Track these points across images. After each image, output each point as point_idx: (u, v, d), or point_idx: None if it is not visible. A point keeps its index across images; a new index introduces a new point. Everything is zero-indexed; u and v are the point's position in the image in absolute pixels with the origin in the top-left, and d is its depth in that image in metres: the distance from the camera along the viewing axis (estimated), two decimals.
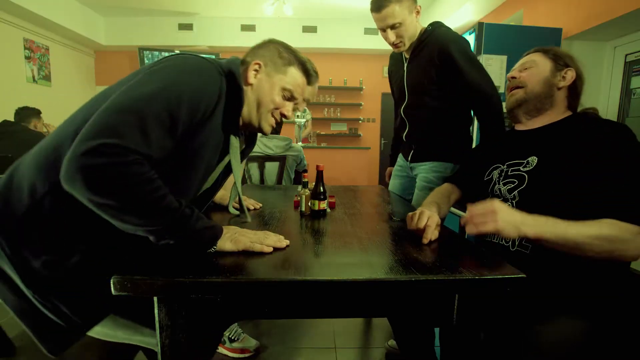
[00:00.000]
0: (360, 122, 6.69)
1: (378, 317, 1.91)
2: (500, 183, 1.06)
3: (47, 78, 5.34)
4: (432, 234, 0.90)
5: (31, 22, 4.92)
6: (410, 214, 0.98)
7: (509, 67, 2.82)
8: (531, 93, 1.06)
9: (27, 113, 3.52)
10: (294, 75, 0.99)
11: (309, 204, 1.19)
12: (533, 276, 0.74)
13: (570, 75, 1.05)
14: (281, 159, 2.52)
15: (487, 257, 0.80)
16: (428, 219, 0.92)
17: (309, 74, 1.03)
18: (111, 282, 0.65)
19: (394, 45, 1.52)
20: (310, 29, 6.06)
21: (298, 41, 6.07)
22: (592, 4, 2.67)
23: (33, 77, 5.08)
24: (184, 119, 0.74)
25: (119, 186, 0.65)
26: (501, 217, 0.82)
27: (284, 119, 1.01)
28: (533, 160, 1.01)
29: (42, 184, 0.74)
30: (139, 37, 5.92)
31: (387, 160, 1.99)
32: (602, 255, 0.81)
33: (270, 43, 1.03)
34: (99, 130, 0.65)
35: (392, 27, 1.46)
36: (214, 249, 0.78)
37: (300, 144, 3.88)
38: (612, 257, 0.82)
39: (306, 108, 4.89)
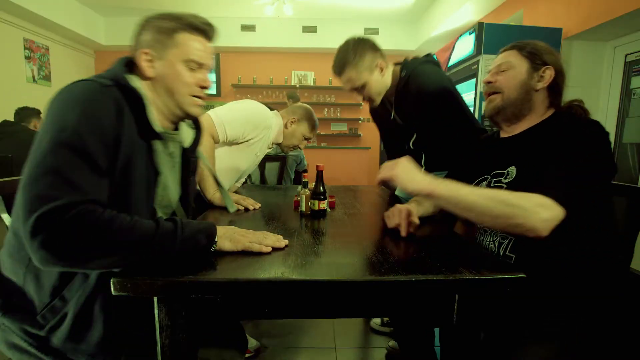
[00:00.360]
0: (360, 122, 6.69)
1: (378, 317, 1.91)
2: None
3: (47, 78, 5.34)
4: (405, 227, 0.94)
5: (31, 22, 4.92)
6: (386, 213, 1.01)
7: None
8: (508, 100, 1.01)
9: (27, 113, 3.52)
10: (187, 42, 0.86)
11: (309, 204, 1.19)
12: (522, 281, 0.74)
13: (548, 74, 0.99)
14: (281, 159, 2.52)
15: (487, 257, 0.80)
16: (401, 214, 0.96)
17: (201, 30, 0.90)
18: (111, 283, 0.65)
19: (364, 101, 1.51)
20: (310, 29, 6.05)
21: (298, 41, 6.07)
22: (592, 4, 2.67)
23: (33, 77, 5.08)
24: (97, 148, 0.69)
25: (83, 239, 0.63)
26: (400, 167, 0.90)
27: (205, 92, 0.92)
28: (512, 171, 0.99)
29: (20, 267, 0.77)
30: None
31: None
32: (499, 222, 0.79)
33: (145, 24, 0.87)
34: (29, 207, 0.62)
35: (356, 89, 1.44)
36: (214, 248, 0.78)
37: None
38: (511, 228, 0.79)
39: None
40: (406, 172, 0.89)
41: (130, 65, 0.86)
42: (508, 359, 0.86)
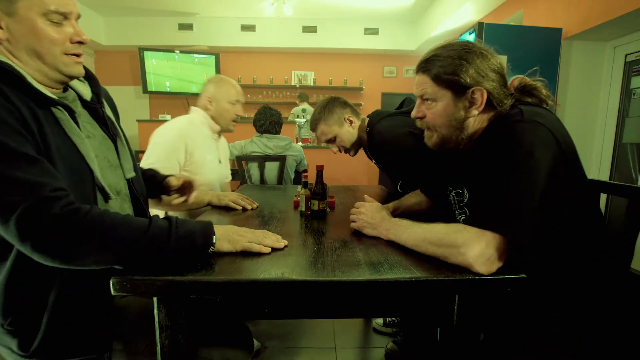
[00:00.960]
0: None
1: (378, 317, 1.91)
2: (457, 210, 1.05)
3: None
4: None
5: None
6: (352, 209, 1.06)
7: (508, 68, 2.83)
8: (443, 137, 0.93)
9: None
10: None
11: (309, 204, 1.19)
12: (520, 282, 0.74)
13: (478, 96, 0.86)
14: (281, 159, 2.52)
15: None
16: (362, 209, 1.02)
17: None
18: (111, 283, 0.65)
19: (339, 151, 1.68)
20: (310, 29, 6.05)
21: (298, 41, 6.07)
22: (592, 4, 2.67)
23: None
24: (12, 139, 0.64)
25: (71, 237, 0.64)
26: (363, 218, 0.99)
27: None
28: (465, 192, 0.98)
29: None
30: (139, 37, 5.91)
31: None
32: (439, 257, 0.78)
33: None
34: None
35: (329, 141, 1.63)
36: (212, 249, 0.77)
37: (300, 144, 3.88)
38: (452, 262, 0.75)
39: (307, 107, 4.89)
40: (367, 222, 0.97)
41: None
42: (508, 359, 0.86)
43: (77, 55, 0.78)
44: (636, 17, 2.41)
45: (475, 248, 0.72)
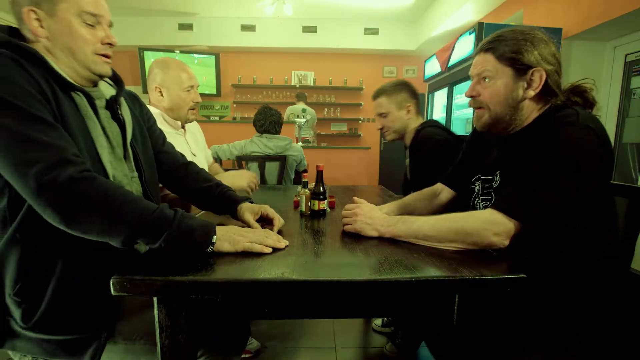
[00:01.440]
0: (360, 122, 6.69)
1: (378, 317, 1.91)
2: (479, 197, 1.05)
3: None
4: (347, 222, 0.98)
5: None
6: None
7: None
8: (496, 116, 0.94)
9: None
10: None
11: (309, 204, 1.19)
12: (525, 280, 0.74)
13: (537, 77, 0.88)
14: (281, 159, 2.52)
15: (487, 257, 0.80)
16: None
17: None
18: (111, 283, 0.65)
19: (381, 130, 1.75)
20: (310, 29, 6.05)
21: (298, 41, 6.07)
22: (592, 4, 2.67)
23: None
24: (34, 106, 0.69)
25: (86, 201, 0.68)
26: (360, 219, 0.94)
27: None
28: (498, 176, 0.98)
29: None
30: (139, 37, 5.91)
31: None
32: (458, 244, 0.82)
33: None
34: (21, 172, 0.66)
35: (380, 115, 1.71)
36: (211, 249, 0.77)
37: (300, 144, 3.88)
38: (470, 246, 0.82)
39: (306, 107, 4.89)
40: (367, 226, 0.94)
41: (13, 33, 0.80)
42: (508, 359, 0.86)
43: (106, 56, 0.86)
44: (636, 17, 2.41)
45: (501, 225, 0.81)
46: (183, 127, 1.57)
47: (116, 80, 0.98)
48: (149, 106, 1.47)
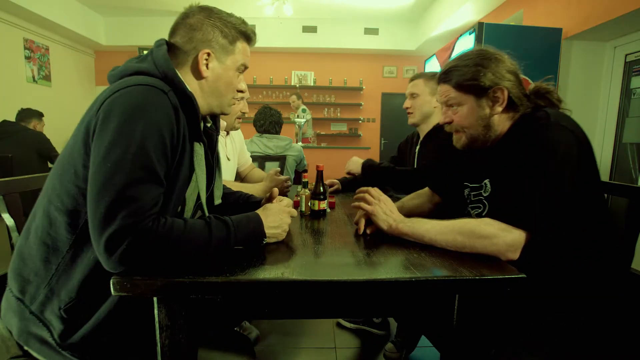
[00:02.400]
0: (360, 122, 6.69)
1: (378, 317, 1.91)
2: (469, 206, 1.06)
3: (47, 78, 5.34)
4: (362, 226, 0.98)
5: (31, 22, 4.92)
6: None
7: None
8: (471, 137, 0.98)
9: (28, 114, 3.54)
10: (242, 49, 0.91)
11: (309, 204, 1.19)
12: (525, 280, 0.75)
13: (500, 94, 0.92)
14: (281, 159, 2.52)
15: (487, 257, 0.80)
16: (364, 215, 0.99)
17: (251, 39, 0.95)
18: (111, 283, 0.65)
19: (407, 110, 1.76)
20: (310, 29, 6.05)
21: (298, 41, 6.08)
22: (592, 4, 2.67)
23: (33, 77, 5.08)
24: (159, 162, 0.71)
25: (149, 253, 0.68)
26: (382, 207, 0.95)
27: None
28: (487, 184, 0.99)
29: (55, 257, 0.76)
30: (139, 37, 5.91)
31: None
32: (466, 250, 0.82)
33: (203, 21, 0.86)
34: (100, 224, 0.65)
35: (411, 95, 1.73)
36: (265, 240, 0.84)
37: (300, 144, 3.88)
38: (479, 252, 0.81)
39: (305, 107, 4.89)
40: (385, 213, 0.95)
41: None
42: (508, 359, 0.86)
43: (235, 99, 0.95)
44: (636, 17, 2.41)
45: (512, 234, 0.80)
46: (227, 132, 1.69)
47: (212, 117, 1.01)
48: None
